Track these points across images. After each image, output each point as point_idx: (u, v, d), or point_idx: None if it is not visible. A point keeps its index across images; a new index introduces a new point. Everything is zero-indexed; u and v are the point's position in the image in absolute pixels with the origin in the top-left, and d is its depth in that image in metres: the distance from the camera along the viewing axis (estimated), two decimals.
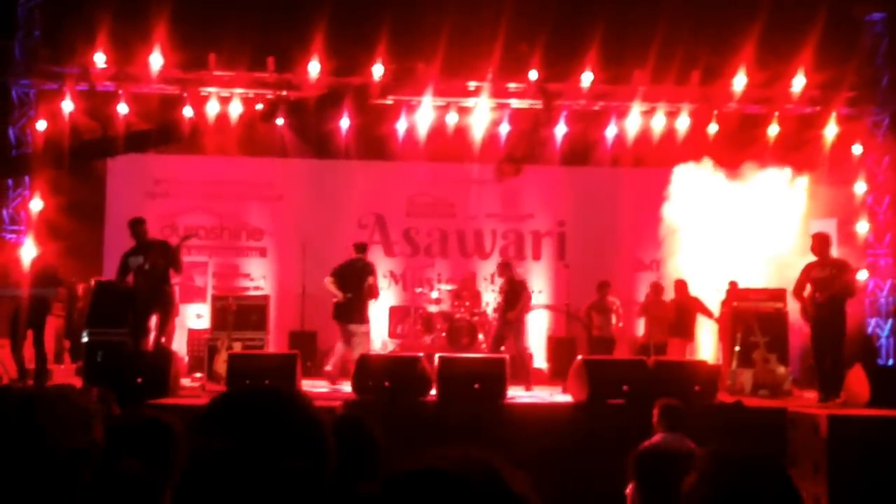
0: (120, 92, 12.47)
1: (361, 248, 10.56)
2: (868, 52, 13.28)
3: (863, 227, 13.52)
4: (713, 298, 11.48)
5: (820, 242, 9.04)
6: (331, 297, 10.19)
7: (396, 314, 12.75)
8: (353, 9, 11.99)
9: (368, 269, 10.29)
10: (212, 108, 12.68)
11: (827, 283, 8.80)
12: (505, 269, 10.86)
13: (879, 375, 8.56)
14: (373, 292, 10.22)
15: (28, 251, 10.59)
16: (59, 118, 12.36)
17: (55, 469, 1.43)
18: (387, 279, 13.55)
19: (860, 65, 13.20)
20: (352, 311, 10.03)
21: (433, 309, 12.17)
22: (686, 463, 1.99)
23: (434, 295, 12.32)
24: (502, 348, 10.37)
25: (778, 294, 10.63)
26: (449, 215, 13.88)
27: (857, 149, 13.61)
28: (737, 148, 12.61)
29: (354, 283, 10.06)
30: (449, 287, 12.47)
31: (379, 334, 12.82)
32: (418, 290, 12.79)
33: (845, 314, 8.95)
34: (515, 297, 10.49)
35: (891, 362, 12.26)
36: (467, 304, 12.00)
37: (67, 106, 12.37)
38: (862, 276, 12.79)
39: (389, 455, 2.67)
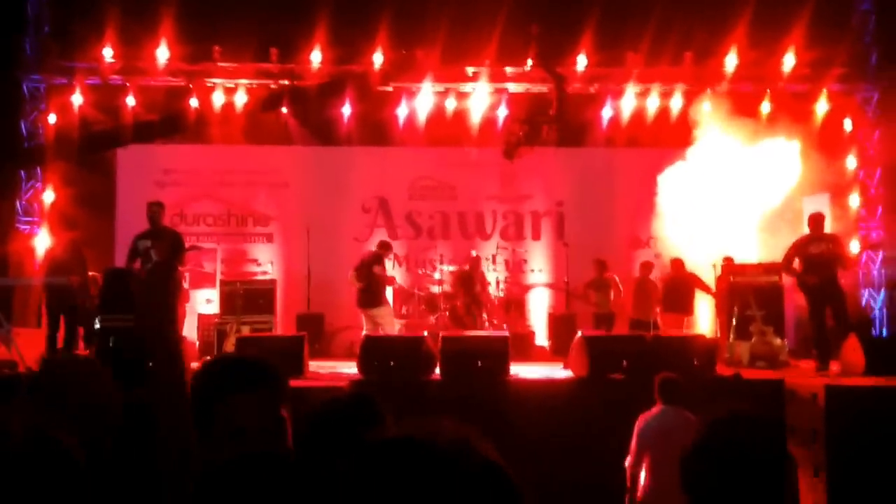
0: (128, 85, 12.28)
1: (380, 244, 11.05)
2: (857, 30, 13.02)
3: (854, 201, 13.31)
4: (709, 274, 11.29)
5: (815, 220, 9.06)
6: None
7: (400, 295, 12.56)
8: None
9: (373, 259, 10.59)
10: (217, 99, 12.50)
11: (823, 258, 8.74)
12: None
13: (874, 346, 8.41)
14: (380, 280, 10.54)
15: (42, 241, 10.44)
16: (69, 112, 12.20)
17: None
18: (391, 261, 13.41)
19: (850, 43, 12.94)
20: (366, 297, 10.43)
21: (436, 290, 11.97)
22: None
23: (437, 276, 12.12)
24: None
25: (773, 268, 10.45)
26: (450, 198, 13.69)
27: (847, 124, 13.39)
28: (730, 126, 12.36)
29: (365, 273, 10.43)
30: (451, 268, 12.27)
31: None
32: (421, 271, 12.59)
33: (839, 282, 8.93)
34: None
35: (884, 332, 12.06)
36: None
37: (77, 100, 12.20)
38: (854, 248, 12.58)
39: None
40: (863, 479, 6.91)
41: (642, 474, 5.98)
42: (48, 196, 12.19)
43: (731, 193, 11.52)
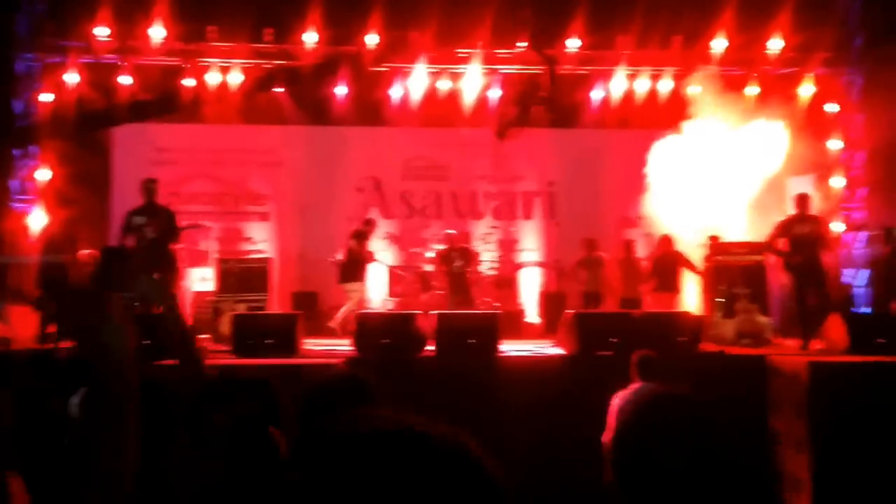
0: (122, 64, 12.18)
1: (364, 221, 11.31)
2: (843, 14, 13.04)
3: (838, 182, 13.40)
4: (696, 253, 11.37)
5: (801, 201, 9.13)
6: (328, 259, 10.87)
7: (394, 274, 12.60)
8: None
9: (353, 235, 10.86)
10: (212, 79, 12.41)
11: (807, 238, 8.82)
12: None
13: (856, 323, 8.49)
14: (354, 255, 10.68)
15: (36, 220, 10.38)
16: (64, 91, 12.07)
17: None
18: (384, 240, 13.46)
19: (835, 27, 12.96)
20: (341, 272, 10.71)
21: (430, 268, 12.01)
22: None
23: (430, 255, 12.15)
24: None
25: (758, 247, 10.54)
26: (443, 178, 13.71)
27: (832, 107, 13.45)
28: (718, 108, 12.40)
29: (345, 248, 10.78)
30: (443, 247, 12.29)
31: (378, 293, 12.74)
32: (414, 250, 12.62)
33: (821, 261, 9.04)
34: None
35: (866, 311, 12.18)
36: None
37: (72, 79, 12.08)
38: (837, 228, 12.69)
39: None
40: (845, 453, 7.03)
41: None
42: (43, 175, 12.11)
43: (718, 174, 11.57)
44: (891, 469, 6.94)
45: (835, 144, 13.47)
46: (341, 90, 12.93)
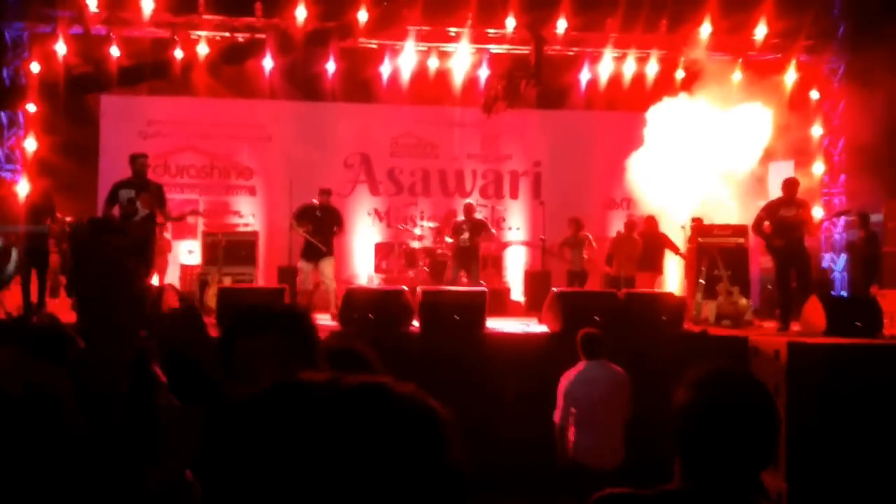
0: (112, 35, 11.86)
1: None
2: (826, 3, 12.93)
3: (818, 168, 13.36)
4: (679, 235, 11.30)
5: (789, 185, 9.02)
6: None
7: (381, 250, 12.44)
8: None
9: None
10: (201, 51, 12.10)
11: (792, 221, 8.75)
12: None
13: (833, 306, 8.44)
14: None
15: (23, 189, 10.14)
16: (53, 60, 11.75)
17: None
18: (371, 216, 13.29)
19: (819, 15, 12.85)
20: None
21: (416, 245, 11.86)
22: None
23: (417, 231, 12.00)
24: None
25: (740, 230, 10.50)
26: (431, 156, 13.54)
27: (814, 94, 13.37)
28: (702, 92, 12.28)
29: None
30: (431, 224, 12.16)
31: (365, 269, 12.60)
32: (402, 226, 12.46)
33: (805, 246, 8.98)
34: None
35: (844, 294, 12.20)
36: (449, 240, 11.67)
37: (61, 49, 11.75)
38: (817, 213, 12.65)
39: None
40: (820, 431, 7.03)
41: (571, 431, 5.93)
42: (30, 144, 11.83)
43: (701, 157, 11.47)
44: (863, 447, 6.95)
45: (816, 131, 13.41)
46: (331, 66, 12.68)
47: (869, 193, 11.91)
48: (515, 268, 13.04)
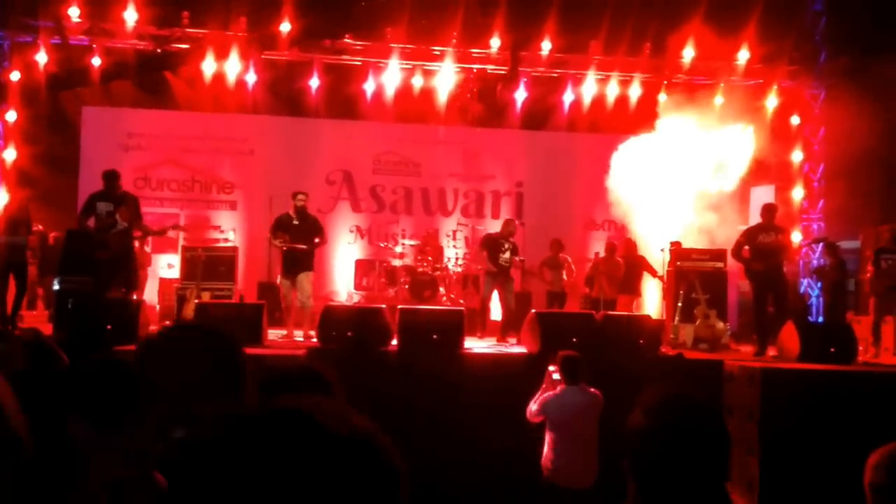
0: (94, 46, 11.92)
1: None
2: (808, 29, 13.23)
3: (798, 193, 13.59)
4: (658, 258, 11.43)
5: (768, 211, 9.20)
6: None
7: (362, 267, 12.51)
8: None
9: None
10: (185, 65, 12.18)
11: (771, 247, 8.91)
12: None
13: (809, 332, 8.58)
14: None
15: (1, 199, 10.14)
16: (34, 70, 11.80)
17: None
18: (353, 233, 13.37)
19: (800, 41, 13.14)
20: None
21: (397, 263, 11.95)
22: None
23: (398, 249, 12.08)
24: None
25: (718, 254, 10.63)
26: (414, 174, 13.65)
27: (795, 119, 13.64)
28: (684, 116, 12.50)
29: None
30: (412, 242, 12.24)
31: (344, 286, 12.66)
32: (383, 244, 12.56)
33: (784, 272, 9.17)
34: None
35: (821, 320, 12.39)
36: (430, 258, 11.76)
37: (42, 58, 11.81)
38: (796, 238, 12.88)
39: (350, 401, 2.47)
40: (793, 456, 7.16)
41: (545, 451, 6.06)
42: (9, 154, 11.84)
43: (682, 180, 11.66)
44: (835, 472, 7.06)
45: (796, 156, 13.66)
46: (315, 82, 12.81)
47: (847, 220, 12.15)
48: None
